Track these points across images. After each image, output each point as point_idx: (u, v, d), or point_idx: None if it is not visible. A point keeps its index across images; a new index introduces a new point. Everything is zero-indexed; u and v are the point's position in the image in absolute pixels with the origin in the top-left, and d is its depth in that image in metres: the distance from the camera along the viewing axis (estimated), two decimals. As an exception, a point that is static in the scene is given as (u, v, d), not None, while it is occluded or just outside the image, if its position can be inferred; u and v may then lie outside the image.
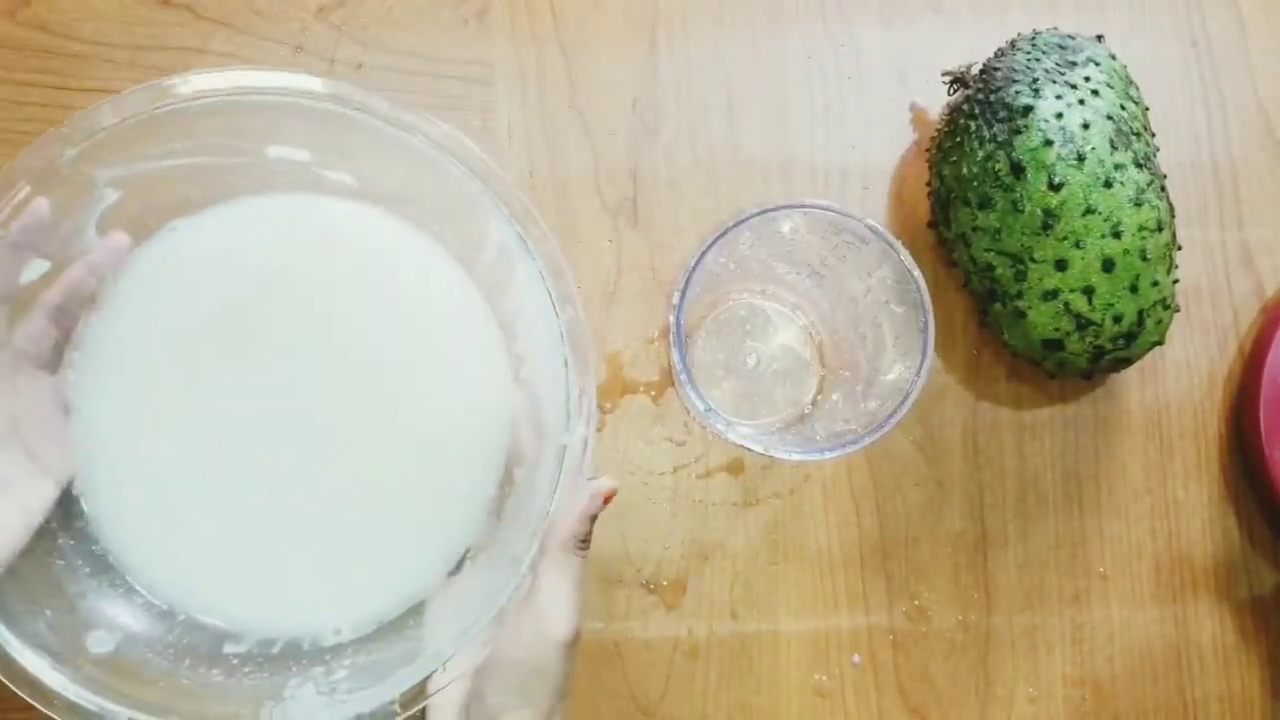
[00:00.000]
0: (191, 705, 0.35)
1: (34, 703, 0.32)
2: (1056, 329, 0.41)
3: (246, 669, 0.37)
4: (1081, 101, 0.40)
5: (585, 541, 0.36)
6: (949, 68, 0.44)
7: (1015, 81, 0.41)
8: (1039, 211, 0.39)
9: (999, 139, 0.40)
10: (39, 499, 0.35)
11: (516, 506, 0.38)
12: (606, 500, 0.36)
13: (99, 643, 0.35)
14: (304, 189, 0.40)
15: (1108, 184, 0.39)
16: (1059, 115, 0.39)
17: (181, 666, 0.36)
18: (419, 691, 0.34)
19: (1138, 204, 0.39)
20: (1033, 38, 0.43)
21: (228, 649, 0.37)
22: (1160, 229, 0.40)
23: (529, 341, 0.39)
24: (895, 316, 0.40)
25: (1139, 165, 0.40)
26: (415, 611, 0.39)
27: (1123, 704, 0.46)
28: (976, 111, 0.41)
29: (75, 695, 0.33)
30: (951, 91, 0.45)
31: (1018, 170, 0.39)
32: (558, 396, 0.35)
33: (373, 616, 0.38)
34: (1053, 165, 0.39)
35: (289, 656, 0.37)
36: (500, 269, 0.38)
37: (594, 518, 0.36)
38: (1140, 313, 0.40)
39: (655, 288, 0.46)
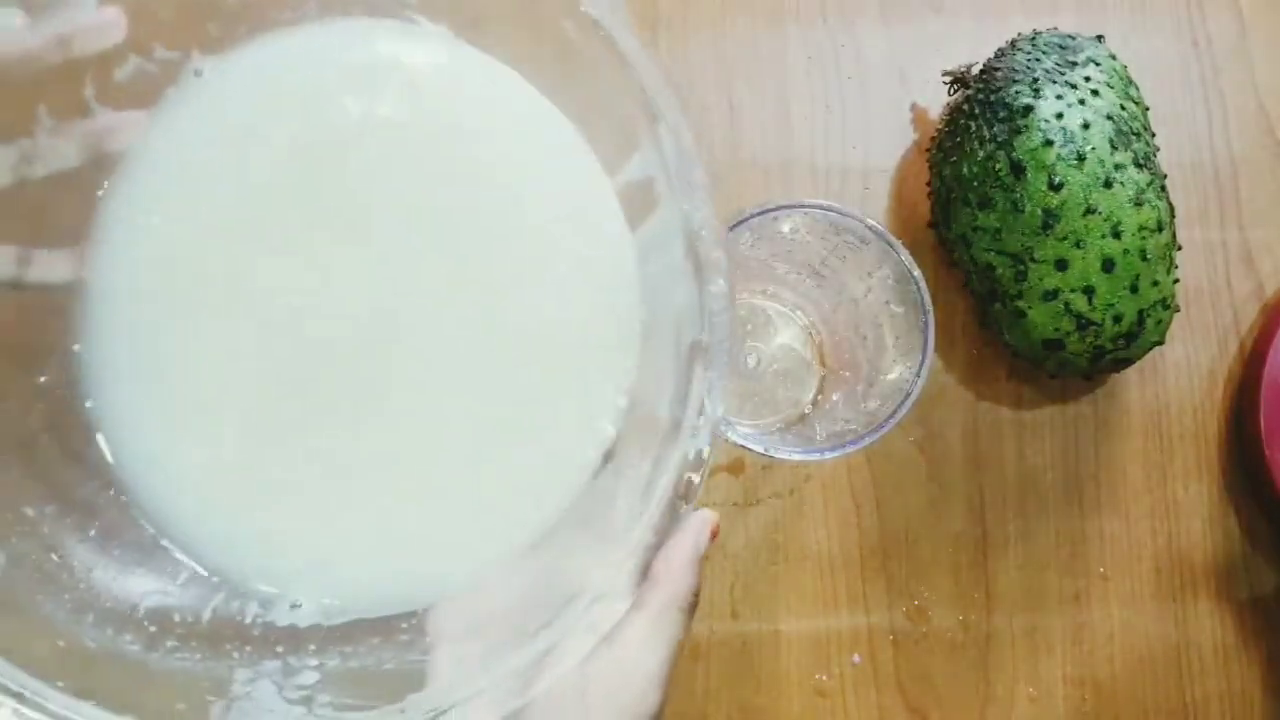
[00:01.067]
0: (110, 682, 0.27)
1: None
2: (1057, 329, 0.41)
3: (170, 641, 0.29)
4: (1082, 101, 0.40)
5: (696, 596, 0.30)
6: (949, 68, 0.44)
7: (1015, 81, 0.41)
8: (1039, 211, 0.39)
9: (999, 139, 0.40)
10: None
11: (590, 505, 0.31)
12: (713, 536, 0.31)
13: None
14: (380, 17, 0.30)
15: (1108, 184, 0.39)
16: (1059, 115, 0.39)
17: (84, 621, 0.28)
18: None
19: (1138, 204, 0.39)
20: (1033, 38, 0.43)
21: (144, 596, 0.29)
22: (1160, 229, 0.40)
23: (647, 308, 0.32)
24: (895, 316, 0.41)
25: (1139, 165, 0.40)
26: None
27: (1123, 704, 0.46)
28: (977, 111, 0.41)
29: None
30: (952, 91, 0.45)
31: (1018, 170, 0.39)
32: (681, 389, 0.28)
33: (354, 600, 0.30)
34: (1053, 165, 0.39)
35: (225, 634, 0.30)
36: (633, 204, 0.30)
37: (702, 559, 0.30)
38: (1140, 313, 0.40)
39: (655, 288, 0.46)
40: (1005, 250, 0.41)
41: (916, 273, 0.38)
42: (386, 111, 0.31)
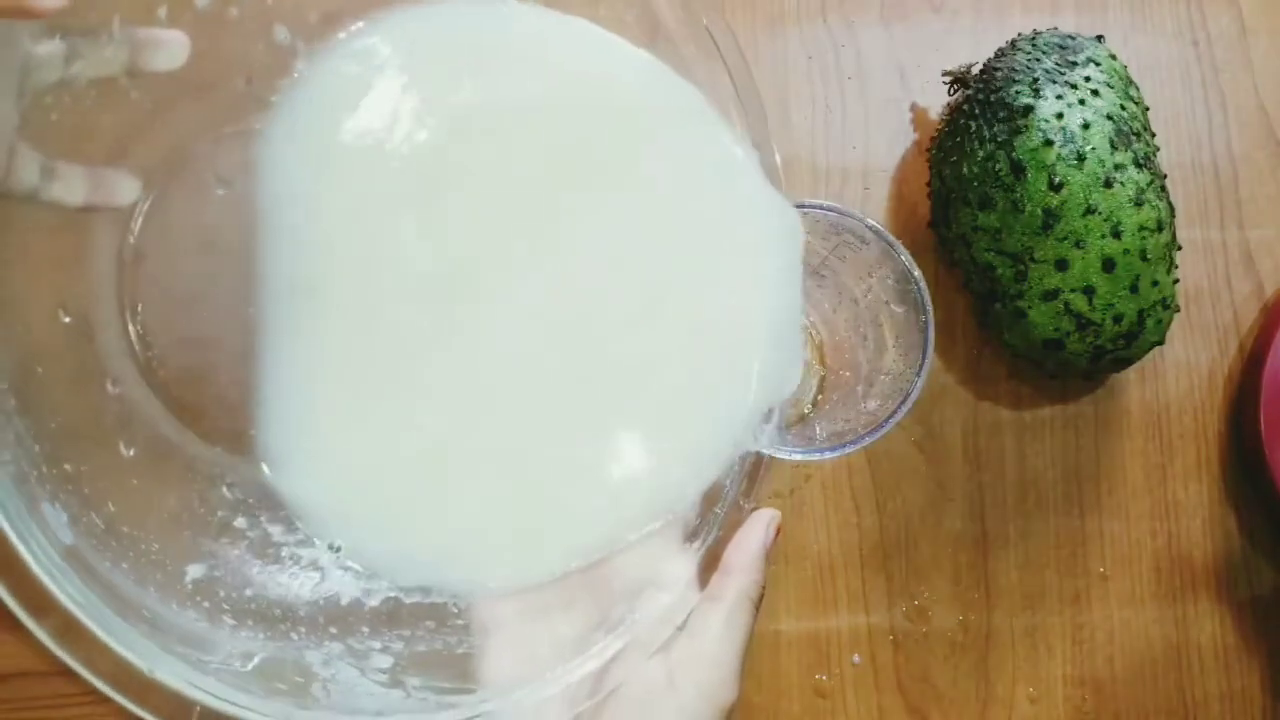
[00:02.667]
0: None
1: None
2: (1057, 329, 0.41)
3: (227, 618, 0.30)
4: (1082, 101, 0.40)
5: (763, 591, 0.31)
6: (949, 68, 0.44)
7: (1015, 81, 0.41)
8: (1039, 211, 0.39)
9: (999, 139, 0.40)
10: None
11: None
12: (777, 533, 0.32)
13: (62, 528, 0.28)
14: None
15: (1108, 184, 0.39)
16: (1059, 115, 0.39)
17: (147, 589, 0.29)
18: None
19: (1138, 204, 0.39)
20: (1033, 38, 0.43)
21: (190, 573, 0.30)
22: (1160, 229, 0.40)
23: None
24: (895, 316, 0.41)
25: (1139, 165, 0.40)
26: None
27: (1123, 704, 0.46)
28: (977, 111, 0.41)
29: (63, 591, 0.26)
30: (952, 91, 0.45)
31: (1018, 170, 0.39)
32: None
33: (402, 565, 0.31)
34: (1053, 165, 0.39)
35: (272, 612, 0.31)
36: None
37: (767, 556, 0.31)
38: (1140, 313, 0.40)
39: (655, 288, 0.46)
40: (1005, 250, 0.41)
41: (916, 273, 0.38)
42: (530, 89, 0.30)
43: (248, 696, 0.27)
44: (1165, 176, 0.42)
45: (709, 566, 0.30)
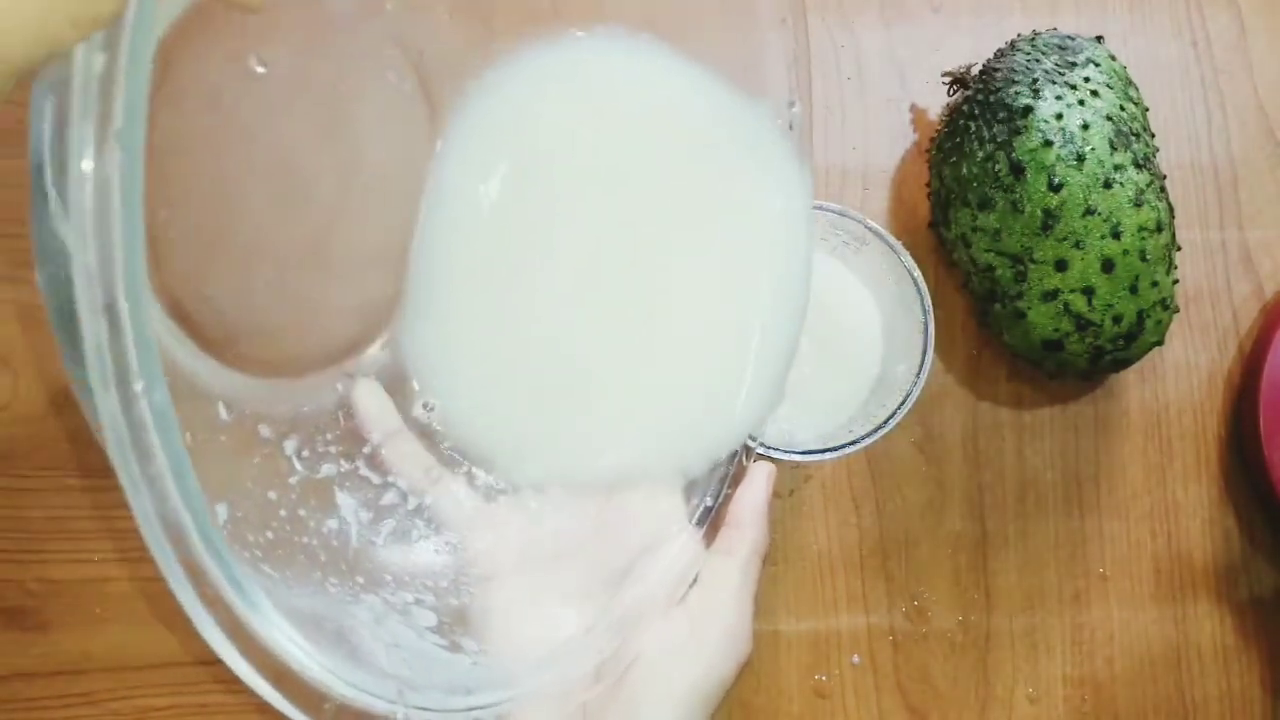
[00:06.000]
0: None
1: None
2: (1056, 329, 0.41)
3: (261, 558, 0.29)
4: (1081, 102, 0.40)
5: (768, 544, 0.32)
6: (949, 68, 0.44)
7: (1015, 82, 0.41)
8: (1039, 212, 0.39)
9: (999, 139, 0.40)
10: None
11: None
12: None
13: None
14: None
15: (1107, 185, 0.39)
16: (1059, 116, 0.39)
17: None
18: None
19: (1137, 205, 0.39)
20: (1033, 38, 0.43)
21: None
22: (1160, 230, 0.40)
23: None
24: (896, 317, 0.41)
25: (1139, 166, 0.40)
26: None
27: (1123, 704, 0.46)
28: (976, 112, 0.41)
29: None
30: (951, 92, 0.45)
31: (1018, 171, 0.39)
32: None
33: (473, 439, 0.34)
34: (1052, 166, 0.39)
35: (294, 556, 0.31)
36: None
37: (769, 510, 0.32)
38: (1140, 313, 0.40)
39: (655, 288, 0.46)
40: (1005, 251, 0.41)
41: (916, 273, 0.39)
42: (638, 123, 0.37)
43: (360, 673, 0.26)
44: (1165, 177, 0.42)
45: (713, 523, 0.31)
